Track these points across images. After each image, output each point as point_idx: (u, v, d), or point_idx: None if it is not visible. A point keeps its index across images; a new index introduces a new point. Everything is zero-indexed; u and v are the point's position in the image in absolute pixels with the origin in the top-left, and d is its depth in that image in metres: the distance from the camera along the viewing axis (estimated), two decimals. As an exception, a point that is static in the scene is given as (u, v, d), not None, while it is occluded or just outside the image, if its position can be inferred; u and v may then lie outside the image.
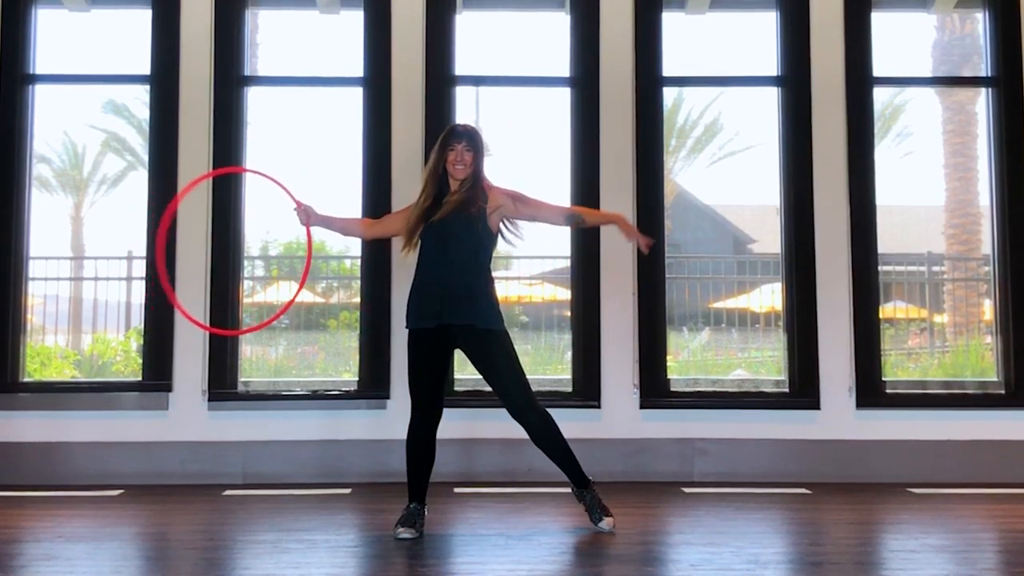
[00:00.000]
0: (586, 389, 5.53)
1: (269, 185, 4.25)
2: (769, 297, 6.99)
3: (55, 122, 7.11)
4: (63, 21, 6.17)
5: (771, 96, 5.89)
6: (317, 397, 5.57)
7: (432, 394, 4.01)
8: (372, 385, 5.53)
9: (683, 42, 6.12)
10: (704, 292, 7.54)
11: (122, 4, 6.42)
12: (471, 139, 4.05)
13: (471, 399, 5.46)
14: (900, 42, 6.57)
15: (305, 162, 7.16)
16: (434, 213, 4.04)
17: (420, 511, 3.99)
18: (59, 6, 6.00)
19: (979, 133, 9.92)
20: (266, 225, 8.38)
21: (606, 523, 4.04)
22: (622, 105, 5.68)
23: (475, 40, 6.06)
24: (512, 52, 6.43)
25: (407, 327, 4.09)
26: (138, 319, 6.18)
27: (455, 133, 4.06)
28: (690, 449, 5.49)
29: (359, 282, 5.78)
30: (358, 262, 5.78)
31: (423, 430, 4.01)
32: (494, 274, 4.15)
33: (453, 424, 5.43)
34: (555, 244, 6.08)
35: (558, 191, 5.73)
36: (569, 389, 5.63)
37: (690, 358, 7.65)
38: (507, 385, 4.01)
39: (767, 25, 5.90)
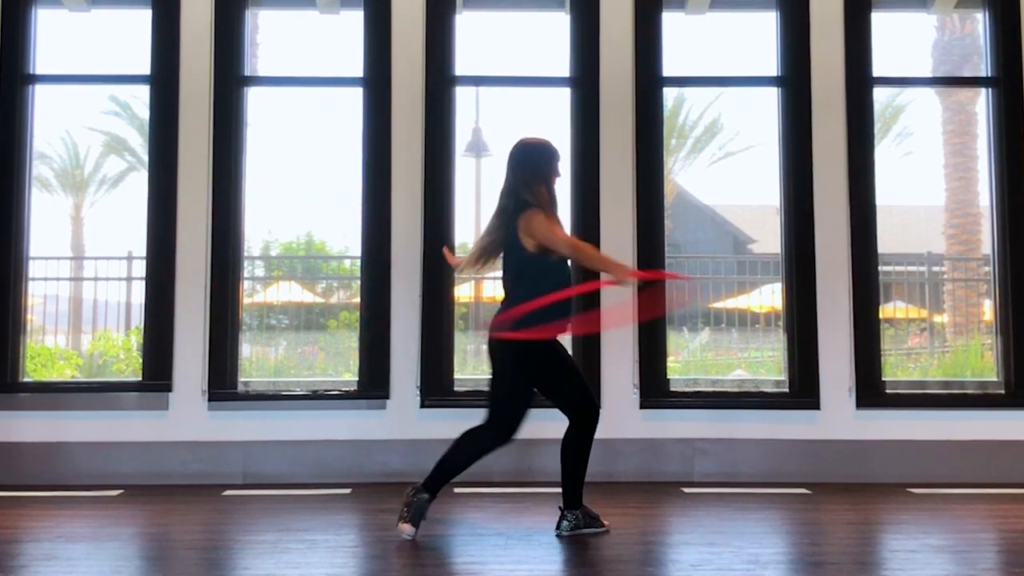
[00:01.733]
0: (586, 389, 5.52)
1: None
2: (769, 297, 6.99)
3: (55, 122, 7.11)
4: (63, 21, 6.17)
5: (771, 96, 5.89)
6: (317, 397, 5.57)
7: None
8: (372, 385, 5.52)
9: (683, 42, 6.12)
10: (704, 292, 7.54)
11: (122, 4, 6.41)
12: None
13: (471, 399, 5.46)
14: (900, 42, 6.57)
15: (305, 162, 7.16)
16: None
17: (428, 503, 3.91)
18: (59, 6, 6.00)
19: (979, 133, 9.93)
20: (266, 225, 8.40)
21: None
22: (622, 105, 5.68)
23: (475, 40, 6.06)
24: (512, 52, 6.43)
25: (543, 338, 3.89)
26: (138, 319, 6.18)
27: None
28: (690, 449, 5.49)
29: (359, 282, 5.78)
30: (358, 262, 5.78)
31: (496, 448, 3.95)
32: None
33: (453, 424, 5.43)
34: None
35: (558, 190, 5.72)
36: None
37: (690, 358, 7.65)
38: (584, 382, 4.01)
39: (767, 25, 5.89)
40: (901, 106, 10.07)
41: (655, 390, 5.55)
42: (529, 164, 3.99)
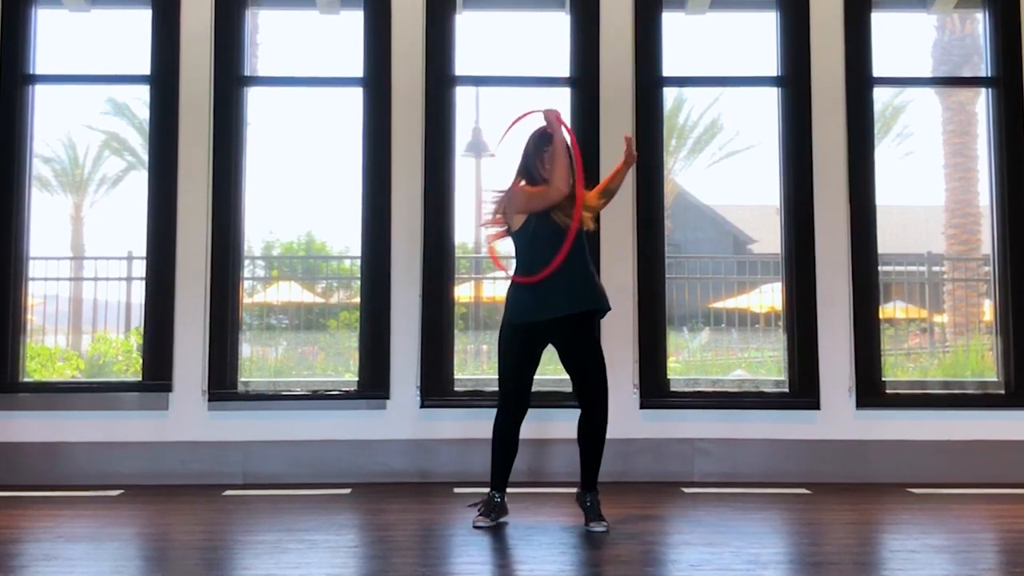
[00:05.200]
0: (586, 389, 5.52)
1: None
2: (769, 297, 6.99)
3: (55, 122, 7.11)
4: (63, 21, 6.17)
5: (771, 96, 5.89)
6: (317, 397, 5.57)
7: (527, 389, 4.28)
8: (372, 385, 5.52)
9: (683, 42, 6.12)
10: (704, 292, 7.54)
11: (122, 4, 6.42)
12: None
13: (472, 399, 5.46)
14: (900, 42, 6.57)
15: (305, 162, 7.16)
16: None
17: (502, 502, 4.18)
18: (59, 6, 6.00)
19: (979, 133, 9.93)
20: (266, 225, 8.39)
21: (599, 525, 4.04)
22: (622, 105, 5.68)
23: (475, 40, 6.06)
24: (512, 52, 6.44)
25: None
26: (138, 319, 6.18)
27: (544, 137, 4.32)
28: (690, 449, 5.49)
29: (359, 282, 5.78)
30: (358, 262, 5.78)
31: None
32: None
33: (452, 424, 5.45)
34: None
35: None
36: (569, 389, 5.62)
37: (690, 358, 7.66)
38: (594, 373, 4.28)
39: (767, 25, 5.90)
40: (901, 106, 10.06)
41: (655, 390, 5.55)
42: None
